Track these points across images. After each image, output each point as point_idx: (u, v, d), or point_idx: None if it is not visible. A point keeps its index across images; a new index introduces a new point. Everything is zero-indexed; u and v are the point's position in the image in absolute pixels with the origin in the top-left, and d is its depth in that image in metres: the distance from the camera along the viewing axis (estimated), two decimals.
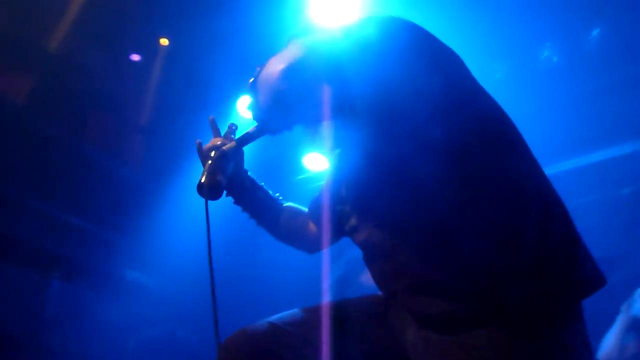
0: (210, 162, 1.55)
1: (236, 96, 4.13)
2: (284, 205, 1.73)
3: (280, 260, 4.48)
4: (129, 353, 4.18)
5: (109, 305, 4.19)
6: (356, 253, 3.48)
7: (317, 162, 4.46)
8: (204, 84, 4.14)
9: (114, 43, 3.95)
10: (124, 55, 4.04)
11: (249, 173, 1.70)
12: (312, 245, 1.69)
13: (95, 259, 4.30)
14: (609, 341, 2.81)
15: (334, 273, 3.44)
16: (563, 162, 3.84)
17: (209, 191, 1.51)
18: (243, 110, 4.12)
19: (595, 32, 3.50)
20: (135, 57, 4.07)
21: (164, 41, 4.00)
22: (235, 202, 1.69)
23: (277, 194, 1.75)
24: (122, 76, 4.12)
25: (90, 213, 4.24)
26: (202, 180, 1.51)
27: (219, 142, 1.59)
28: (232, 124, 1.69)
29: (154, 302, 4.23)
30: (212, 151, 1.57)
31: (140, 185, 4.41)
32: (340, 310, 1.41)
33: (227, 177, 1.56)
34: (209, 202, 1.51)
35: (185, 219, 4.15)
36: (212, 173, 1.52)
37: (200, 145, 1.60)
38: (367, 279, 3.37)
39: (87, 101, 4.08)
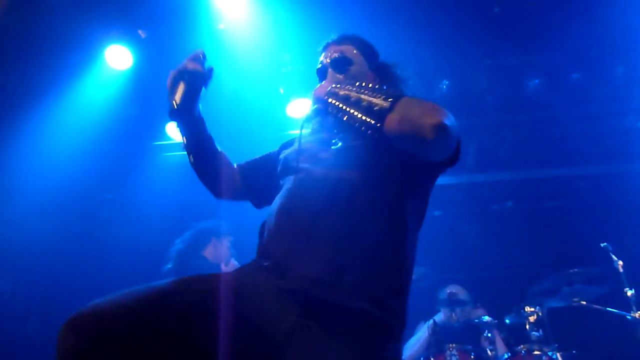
0: (184, 84, 1.56)
1: (104, 45, 3.90)
2: (216, 148, 1.76)
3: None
4: None
5: None
6: (203, 227, 3.58)
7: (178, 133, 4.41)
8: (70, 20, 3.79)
9: None
10: None
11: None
12: (228, 194, 1.80)
13: None
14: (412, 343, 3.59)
15: (177, 244, 3.48)
16: None
17: (179, 114, 1.56)
18: (111, 60, 3.91)
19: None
20: None
21: None
22: (180, 129, 1.69)
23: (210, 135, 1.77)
24: None
25: None
26: (176, 103, 1.54)
27: (196, 67, 1.59)
28: (201, 51, 1.65)
29: None
30: (187, 74, 1.57)
31: None
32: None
33: (197, 104, 1.61)
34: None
35: None
36: (185, 97, 1.56)
37: (181, 65, 1.59)
38: (209, 254, 3.51)
39: None
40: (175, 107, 1.54)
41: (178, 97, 1.54)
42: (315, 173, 1.50)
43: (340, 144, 1.56)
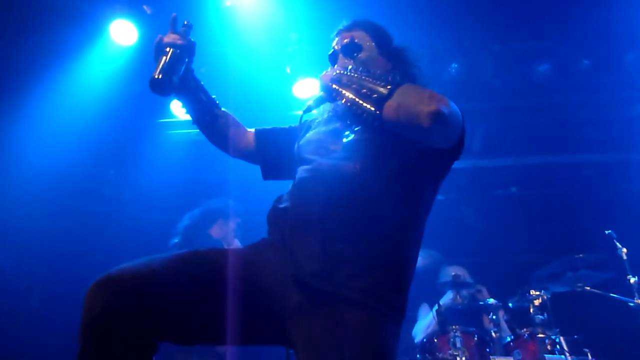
0: (165, 58, 1.61)
1: (109, 19, 3.85)
2: (222, 110, 1.85)
3: None
4: None
5: None
6: (213, 207, 3.58)
7: (182, 111, 4.38)
8: None
9: None
10: None
11: (194, 72, 1.77)
12: (238, 154, 1.89)
13: None
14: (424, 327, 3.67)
15: (185, 221, 3.49)
16: None
17: (161, 87, 1.58)
18: (116, 35, 3.87)
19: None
20: None
21: None
22: (177, 99, 1.79)
23: (214, 96, 1.84)
24: None
25: None
26: (156, 76, 1.57)
27: (176, 39, 1.65)
28: (187, 23, 1.72)
29: None
30: (168, 47, 1.63)
31: None
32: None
33: (179, 76, 1.64)
34: None
35: None
36: (166, 70, 1.59)
37: (161, 39, 1.65)
38: (216, 233, 3.51)
39: None
40: (155, 79, 1.57)
41: (158, 69, 1.58)
42: (323, 165, 1.52)
43: (351, 136, 1.56)
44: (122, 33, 3.86)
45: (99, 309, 1.23)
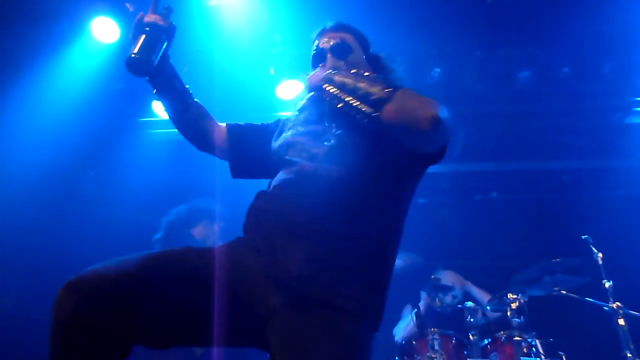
0: (144, 37, 1.57)
1: (90, 16, 3.80)
2: (194, 100, 1.79)
3: None
4: None
5: None
6: (200, 206, 3.53)
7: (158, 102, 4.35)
8: None
9: None
10: None
11: (169, 59, 1.72)
12: (208, 147, 1.82)
13: None
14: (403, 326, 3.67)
15: (169, 216, 3.43)
16: None
17: (139, 66, 1.54)
18: (97, 32, 3.82)
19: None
20: None
21: None
22: (149, 82, 1.72)
23: (187, 86, 1.79)
24: None
25: None
26: (134, 54, 1.54)
27: (157, 20, 1.62)
28: (168, 6, 1.69)
29: None
30: (148, 26, 1.60)
31: None
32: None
33: (157, 57, 1.60)
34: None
35: None
36: (144, 49, 1.56)
37: (141, 18, 1.62)
38: (199, 233, 3.47)
39: None
40: (132, 57, 1.54)
41: (136, 48, 1.56)
42: (307, 168, 1.51)
43: (333, 140, 1.55)
44: (104, 30, 3.81)
45: (70, 312, 1.19)
